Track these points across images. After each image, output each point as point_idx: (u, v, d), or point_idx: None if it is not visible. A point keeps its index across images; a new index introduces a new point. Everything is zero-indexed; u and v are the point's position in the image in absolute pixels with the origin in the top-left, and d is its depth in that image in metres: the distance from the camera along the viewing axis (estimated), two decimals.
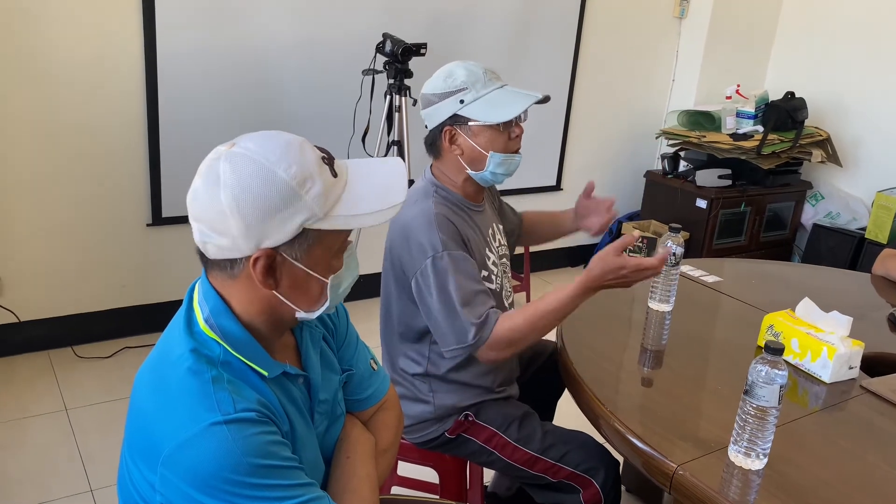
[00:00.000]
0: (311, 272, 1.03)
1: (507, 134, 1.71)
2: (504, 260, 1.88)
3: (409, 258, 1.67)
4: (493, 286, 1.77)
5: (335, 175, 1.02)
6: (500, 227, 1.93)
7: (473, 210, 1.79)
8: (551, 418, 2.13)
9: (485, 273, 1.75)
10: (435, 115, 1.72)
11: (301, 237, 1.00)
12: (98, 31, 2.85)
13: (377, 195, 1.04)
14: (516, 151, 1.75)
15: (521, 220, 2.11)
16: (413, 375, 1.77)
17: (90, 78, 2.88)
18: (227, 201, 0.96)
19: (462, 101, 1.68)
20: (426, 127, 1.77)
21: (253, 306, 1.04)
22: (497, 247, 1.84)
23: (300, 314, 1.06)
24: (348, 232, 1.04)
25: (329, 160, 1.03)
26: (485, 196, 1.87)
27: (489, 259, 1.78)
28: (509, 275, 1.91)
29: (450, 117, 1.70)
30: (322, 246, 1.02)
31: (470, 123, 1.69)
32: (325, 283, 1.05)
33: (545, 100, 1.72)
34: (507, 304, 1.85)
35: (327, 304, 1.07)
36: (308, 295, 1.05)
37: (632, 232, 1.73)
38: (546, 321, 1.62)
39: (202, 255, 1.04)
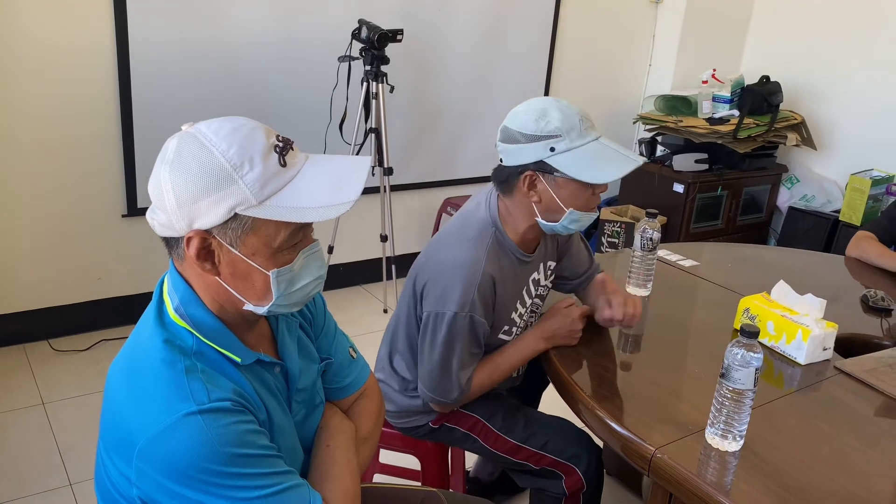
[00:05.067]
0: (250, 262, 1.00)
1: (592, 190, 1.58)
2: (538, 300, 1.82)
3: (434, 293, 1.61)
4: (508, 339, 1.75)
5: (284, 164, 0.99)
6: (552, 263, 1.82)
7: (522, 260, 1.70)
8: (536, 408, 2.14)
9: (505, 327, 1.72)
10: (517, 155, 1.57)
11: (234, 222, 0.97)
12: (68, 19, 2.80)
13: (327, 191, 0.99)
14: (594, 209, 1.63)
15: (591, 274, 1.90)
16: (404, 378, 1.77)
17: (60, 68, 2.83)
18: (164, 178, 0.97)
19: (553, 149, 1.53)
20: (500, 161, 1.62)
21: (209, 294, 1.03)
22: (535, 290, 1.78)
23: (248, 306, 1.03)
24: (294, 225, 1.00)
25: (282, 149, 0.99)
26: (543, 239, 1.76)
27: (517, 311, 1.73)
28: (539, 312, 1.86)
29: (535, 162, 1.55)
30: (258, 235, 0.98)
31: (556, 175, 1.55)
32: (268, 276, 1.01)
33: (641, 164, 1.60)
34: None
35: (276, 300, 1.03)
36: (252, 287, 1.02)
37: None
38: (504, 375, 1.74)
39: (165, 241, 1.03)
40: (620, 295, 1.73)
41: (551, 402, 1.97)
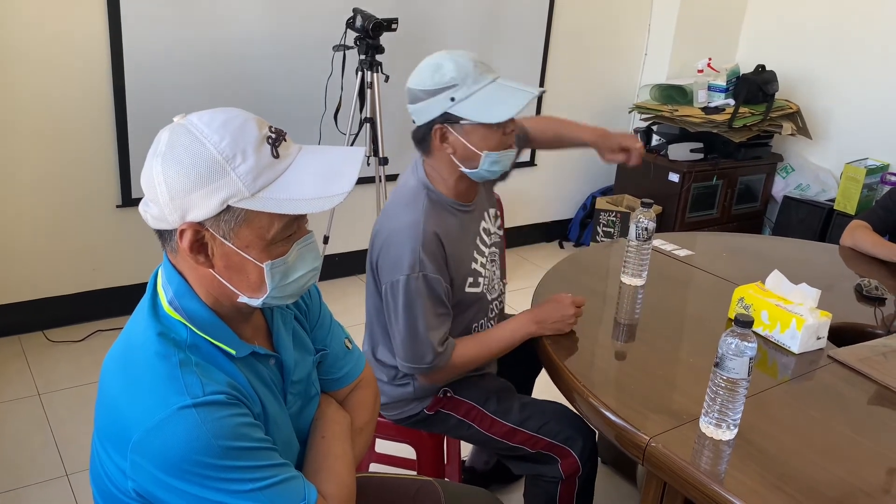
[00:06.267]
0: (243, 254, 0.99)
1: (502, 130, 1.63)
2: (494, 248, 1.85)
3: (386, 265, 1.65)
4: (478, 290, 1.76)
5: (276, 156, 0.98)
6: (493, 210, 1.88)
7: (463, 210, 1.74)
8: (529, 394, 2.15)
9: (470, 279, 1.74)
10: (423, 113, 1.63)
11: (227, 214, 0.97)
12: (61, 10, 2.78)
13: (321, 182, 0.99)
14: (510, 146, 1.68)
15: (526, 135, 1.99)
16: (391, 366, 1.78)
17: (53, 58, 2.81)
18: (157, 170, 0.96)
19: (453, 99, 1.58)
20: (413, 122, 1.68)
21: (203, 286, 1.03)
22: (488, 238, 1.81)
23: (243, 299, 1.03)
24: (287, 216, 0.99)
25: (275, 141, 0.99)
26: (478, 187, 1.80)
27: (476, 261, 1.76)
28: (499, 262, 1.89)
29: (440, 115, 1.60)
30: (252, 227, 0.98)
31: (462, 122, 1.60)
32: (262, 269, 1.01)
33: (540, 93, 1.65)
34: (490, 298, 1.84)
35: (270, 292, 1.03)
36: (246, 279, 1.02)
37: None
38: (493, 352, 1.76)
39: (158, 234, 1.03)
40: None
41: (543, 389, 1.97)
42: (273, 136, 0.99)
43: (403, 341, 1.65)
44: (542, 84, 4.13)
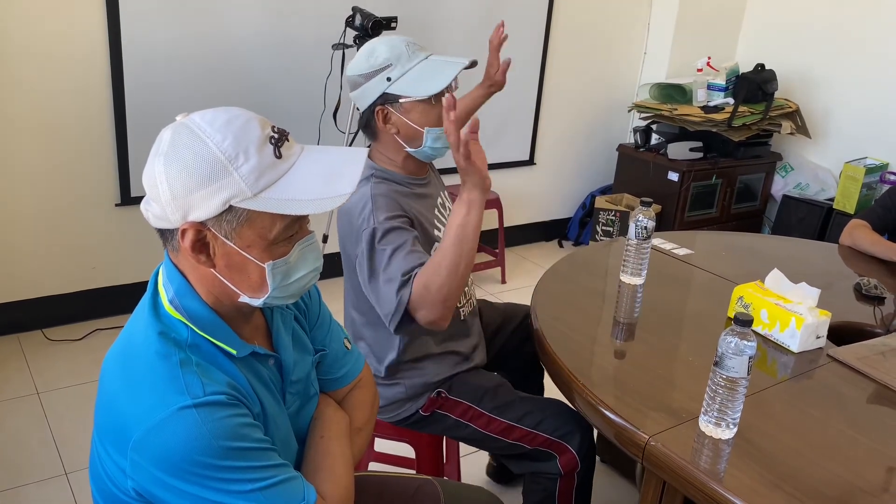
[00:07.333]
0: (245, 254, 0.99)
1: (440, 106, 1.65)
2: None
3: (352, 241, 1.65)
4: None
5: (279, 156, 0.98)
6: (445, 193, 1.92)
7: (418, 184, 1.76)
8: (541, 394, 2.12)
9: (437, 245, 1.73)
10: (364, 97, 1.68)
11: (229, 214, 0.97)
12: (59, 8, 2.77)
13: (322, 183, 0.99)
14: None
15: None
16: (378, 365, 1.77)
17: (52, 56, 2.81)
18: (159, 169, 0.96)
19: (389, 79, 1.63)
20: (357, 109, 1.73)
21: (204, 286, 1.03)
22: (447, 211, 1.84)
23: (244, 298, 1.03)
24: (289, 217, 0.99)
25: (277, 141, 0.99)
26: (429, 166, 1.84)
27: (438, 230, 1.77)
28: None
29: (380, 97, 1.65)
30: (253, 227, 0.98)
31: (401, 100, 1.65)
32: (264, 269, 1.01)
33: (472, 65, 1.69)
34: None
35: (271, 292, 1.03)
36: (248, 279, 1.01)
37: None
38: (454, 252, 1.46)
39: (160, 233, 1.03)
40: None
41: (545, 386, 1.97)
42: (276, 136, 0.99)
43: (375, 291, 1.55)
44: (541, 83, 4.12)
